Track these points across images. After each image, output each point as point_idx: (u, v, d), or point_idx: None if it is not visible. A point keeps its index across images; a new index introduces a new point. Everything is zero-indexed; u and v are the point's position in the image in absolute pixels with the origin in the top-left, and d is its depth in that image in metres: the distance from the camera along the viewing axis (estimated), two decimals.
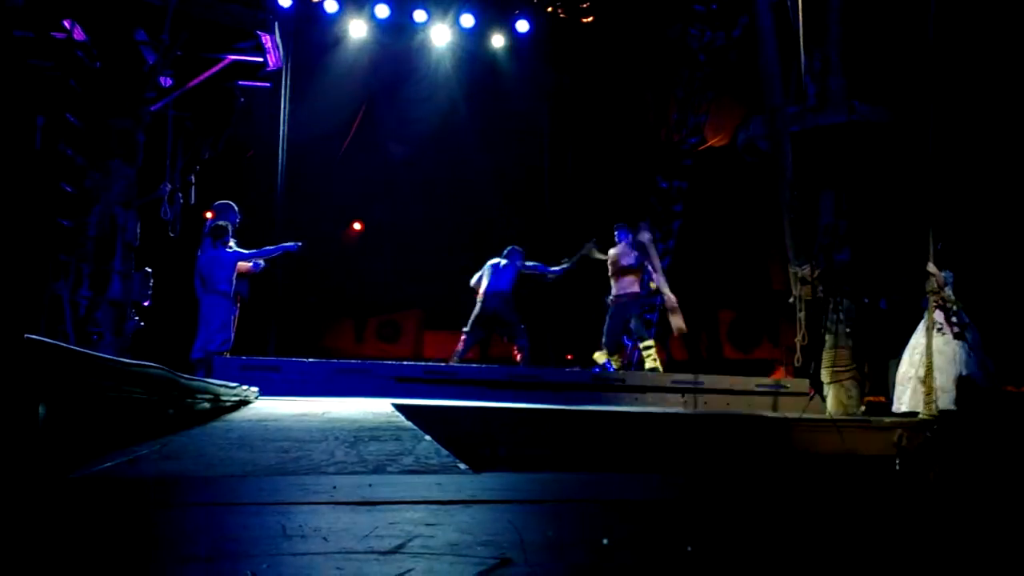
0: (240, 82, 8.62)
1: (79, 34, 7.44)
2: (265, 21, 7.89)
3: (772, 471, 6.50)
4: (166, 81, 8.03)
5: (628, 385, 8.90)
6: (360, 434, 4.10)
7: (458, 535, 1.95)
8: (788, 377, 9.87)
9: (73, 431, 2.80)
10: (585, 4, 14.71)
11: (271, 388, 7.26)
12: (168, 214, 8.01)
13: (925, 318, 7.74)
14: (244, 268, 8.67)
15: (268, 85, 9.33)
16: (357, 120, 14.94)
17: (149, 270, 7.88)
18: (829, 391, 8.59)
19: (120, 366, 3.32)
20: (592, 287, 10.88)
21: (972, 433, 7.16)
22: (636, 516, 2.55)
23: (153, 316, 7.97)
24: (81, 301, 7.25)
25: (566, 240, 11.22)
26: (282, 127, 13.00)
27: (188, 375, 4.78)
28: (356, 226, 15.88)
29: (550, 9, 14.65)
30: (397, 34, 14.31)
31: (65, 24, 7.33)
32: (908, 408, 7.92)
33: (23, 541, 1.86)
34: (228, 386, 5.60)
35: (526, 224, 14.13)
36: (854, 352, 8.61)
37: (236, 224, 8.82)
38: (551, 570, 1.73)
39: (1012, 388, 8.40)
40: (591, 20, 14.78)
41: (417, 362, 10.37)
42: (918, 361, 7.78)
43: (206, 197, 8.96)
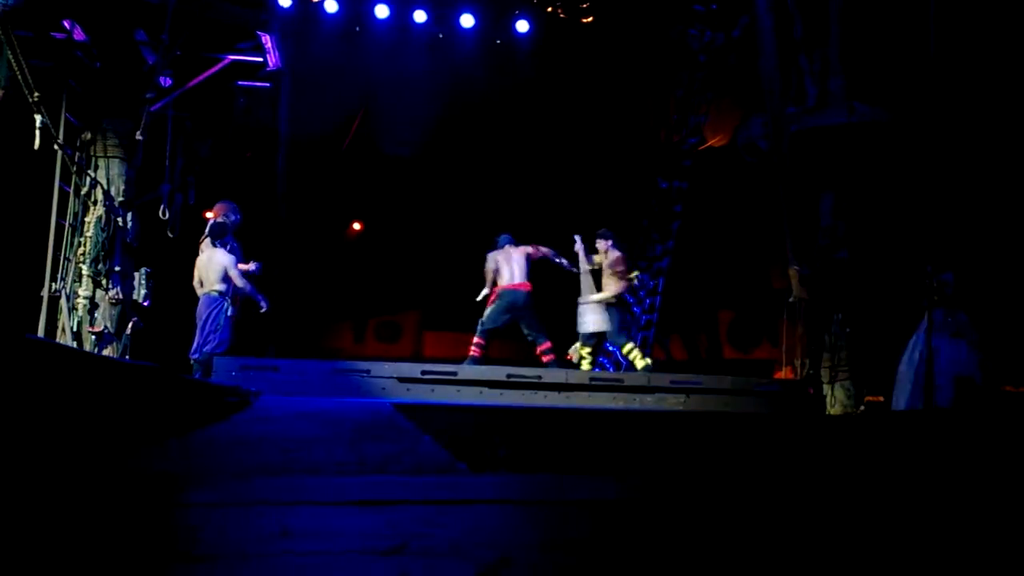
0: (240, 82, 8.63)
1: (79, 34, 7.44)
2: (265, 21, 7.91)
3: (772, 473, 6.50)
4: (166, 81, 8.03)
5: (627, 385, 8.89)
6: (360, 434, 4.09)
7: (458, 535, 1.95)
8: (788, 377, 9.86)
9: (72, 431, 2.80)
10: (585, 4, 14.71)
11: (271, 388, 7.23)
12: (167, 214, 8.02)
13: (925, 318, 7.74)
14: (243, 269, 8.66)
15: (268, 85, 9.34)
16: (357, 120, 14.94)
17: (149, 270, 7.88)
18: (828, 391, 8.60)
19: (119, 366, 3.32)
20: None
21: (970, 433, 7.16)
22: (635, 517, 2.55)
23: (153, 316, 7.97)
24: (81, 301, 7.25)
25: (565, 241, 11.17)
26: (282, 127, 12.98)
27: (187, 375, 4.79)
28: (356, 226, 15.88)
29: (550, 9, 14.65)
30: (397, 34, 14.30)
31: (65, 24, 7.34)
32: (907, 408, 7.92)
33: (24, 540, 1.86)
34: (228, 386, 5.60)
35: (525, 224, 14.12)
36: (853, 352, 8.62)
37: (237, 224, 8.82)
38: (550, 570, 1.73)
39: (1011, 388, 8.40)
40: (591, 20, 14.79)
41: (417, 362, 10.36)
42: (917, 360, 7.78)
43: (205, 197, 8.95)
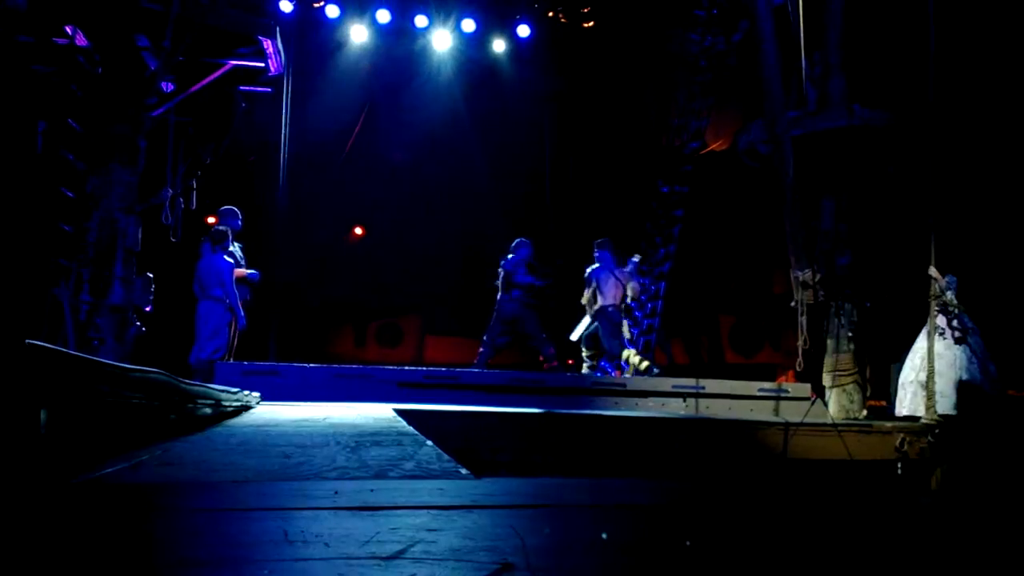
0: (242, 87, 8.62)
1: (81, 39, 7.46)
2: (267, 26, 7.90)
3: (772, 476, 6.49)
4: (167, 86, 8.04)
5: (629, 390, 8.89)
6: (361, 439, 4.09)
7: (460, 540, 1.95)
8: (791, 382, 9.85)
9: (75, 437, 2.79)
10: (586, 9, 14.74)
11: (272, 393, 7.25)
12: (169, 219, 8.02)
13: (928, 322, 7.73)
14: (241, 274, 8.67)
15: (270, 90, 9.34)
16: (358, 125, 14.96)
17: (151, 275, 7.88)
18: (831, 395, 8.58)
19: (121, 372, 3.32)
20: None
21: (974, 438, 7.15)
22: (636, 521, 2.54)
23: (155, 322, 7.97)
24: (82, 306, 7.25)
25: (567, 245, 11.20)
26: (283, 132, 13.01)
27: (189, 380, 4.79)
28: (357, 231, 15.90)
29: (551, 14, 14.68)
30: (398, 39, 14.33)
31: (67, 30, 7.35)
32: (909, 412, 7.90)
33: (25, 546, 1.86)
34: (229, 391, 5.60)
35: (527, 229, 14.12)
36: (856, 356, 8.60)
37: (237, 229, 8.84)
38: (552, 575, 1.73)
39: (1014, 392, 8.38)
40: (592, 25, 14.81)
41: (418, 367, 10.36)
42: (920, 365, 7.76)
43: (207, 203, 8.97)
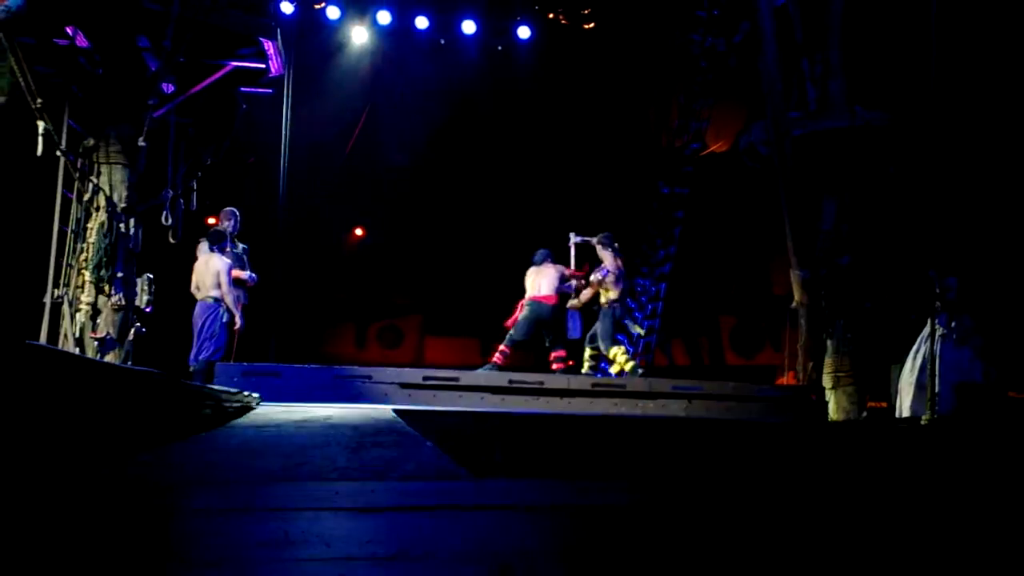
0: (242, 88, 8.62)
1: (82, 41, 7.46)
2: (267, 27, 7.91)
3: (772, 477, 6.48)
4: (168, 87, 8.04)
5: (630, 391, 8.88)
6: (362, 440, 4.09)
7: (459, 541, 1.95)
8: (792, 383, 9.84)
9: (75, 438, 2.79)
10: (587, 10, 14.73)
11: (272, 394, 7.23)
12: (169, 220, 8.02)
13: (928, 323, 7.72)
14: (238, 276, 8.63)
15: (270, 91, 9.34)
16: (359, 126, 14.97)
17: (151, 276, 7.89)
18: (831, 397, 8.58)
19: (122, 372, 3.32)
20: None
21: (973, 440, 7.14)
22: (639, 524, 2.54)
23: (155, 322, 7.97)
24: (83, 307, 7.26)
25: (566, 246, 11.16)
26: (284, 133, 13.00)
27: (189, 381, 4.80)
28: (358, 232, 15.90)
29: (552, 15, 14.67)
30: (399, 40, 14.33)
31: (68, 31, 7.36)
32: (909, 414, 7.89)
33: (28, 548, 1.86)
34: (229, 392, 5.59)
35: (527, 230, 14.12)
36: (856, 358, 8.60)
37: (237, 230, 8.81)
38: None
39: (1015, 394, 8.38)
40: (592, 26, 14.81)
41: (418, 368, 10.35)
42: (920, 366, 7.76)
43: (207, 203, 8.96)
